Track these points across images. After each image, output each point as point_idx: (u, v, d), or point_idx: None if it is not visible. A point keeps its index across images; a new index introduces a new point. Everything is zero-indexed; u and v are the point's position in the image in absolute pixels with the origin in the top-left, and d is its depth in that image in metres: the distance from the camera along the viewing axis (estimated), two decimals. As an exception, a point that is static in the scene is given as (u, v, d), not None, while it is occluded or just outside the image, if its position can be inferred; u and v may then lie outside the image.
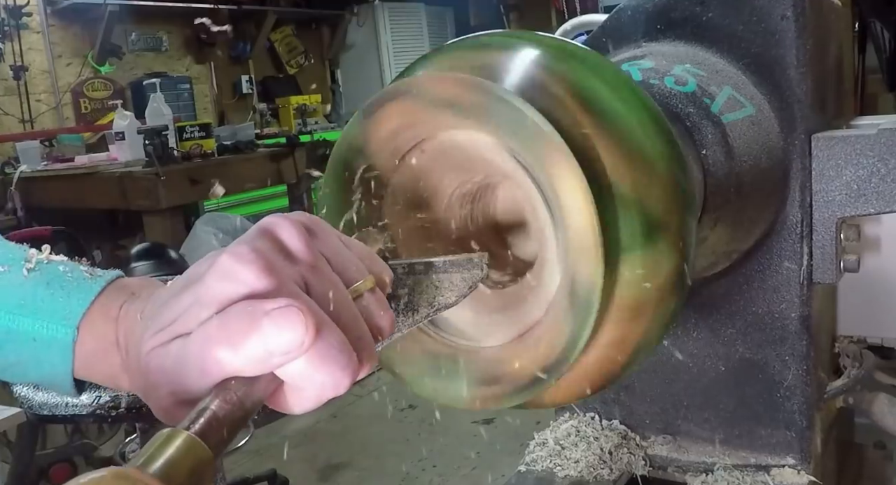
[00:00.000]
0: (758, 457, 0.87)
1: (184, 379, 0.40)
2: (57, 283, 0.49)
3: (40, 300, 0.48)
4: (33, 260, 0.50)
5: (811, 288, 0.82)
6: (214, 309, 0.39)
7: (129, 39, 5.48)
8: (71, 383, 0.49)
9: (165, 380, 0.41)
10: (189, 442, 0.34)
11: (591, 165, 0.49)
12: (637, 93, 0.54)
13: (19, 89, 4.75)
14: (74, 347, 0.48)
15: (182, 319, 0.41)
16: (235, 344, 0.38)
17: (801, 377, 0.83)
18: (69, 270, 0.50)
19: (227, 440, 0.37)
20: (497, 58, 0.55)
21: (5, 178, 4.03)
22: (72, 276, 0.50)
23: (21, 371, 0.50)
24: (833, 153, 0.78)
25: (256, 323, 0.37)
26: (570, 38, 1.16)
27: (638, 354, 0.55)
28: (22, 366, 0.49)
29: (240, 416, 0.38)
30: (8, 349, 0.49)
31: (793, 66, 0.79)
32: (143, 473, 0.32)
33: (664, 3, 0.84)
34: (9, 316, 0.48)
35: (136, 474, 0.32)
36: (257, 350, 0.38)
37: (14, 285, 0.49)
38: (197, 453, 0.34)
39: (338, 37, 6.99)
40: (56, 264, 0.50)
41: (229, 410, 0.37)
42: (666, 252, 0.52)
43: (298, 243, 0.42)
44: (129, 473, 0.31)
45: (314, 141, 4.68)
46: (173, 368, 0.40)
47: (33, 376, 0.50)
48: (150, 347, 0.42)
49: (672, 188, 0.53)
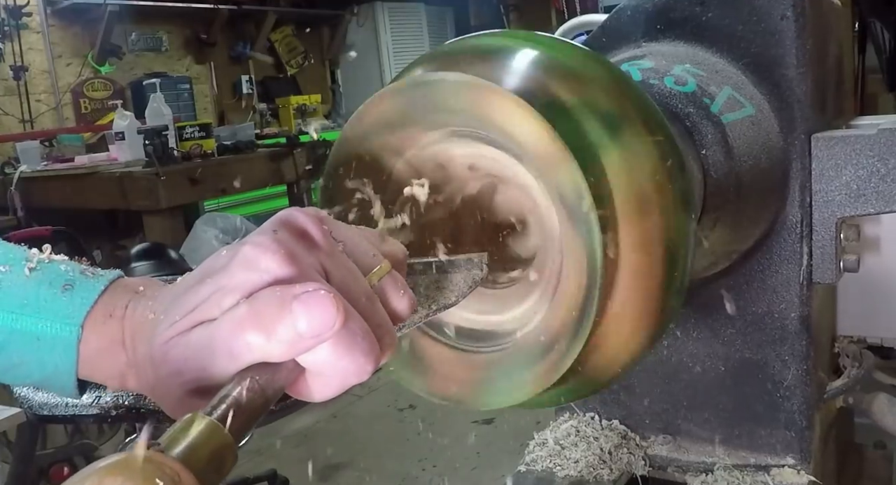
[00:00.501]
0: (757, 457, 0.87)
1: (207, 366, 0.40)
2: (59, 282, 0.49)
3: (43, 300, 0.48)
4: (34, 260, 0.50)
5: (811, 288, 0.82)
6: (239, 296, 0.40)
7: (129, 39, 5.49)
8: (74, 383, 0.49)
9: (184, 369, 0.41)
10: (211, 427, 0.35)
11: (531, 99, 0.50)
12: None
13: (19, 89, 4.76)
14: (78, 346, 0.48)
15: (203, 308, 0.41)
16: (267, 327, 0.38)
17: (800, 377, 0.83)
18: (70, 270, 0.50)
19: (247, 427, 0.37)
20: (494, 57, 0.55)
21: (5, 178, 4.04)
22: (73, 275, 0.50)
23: (24, 372, 0.49)
24: (833, 153, 0.78)
25: (287, 306, 0.38)
26: (570, 38, 1.16)
27: (675, 253, 0.54)
28: (25, 366, 0.49)
29: (261, 403, 0.38)
30: (11, 350, 0.48)
31: (793, 66, 0.79)
32: (164, 455, 0.32)
33: (664, 3, 0.84)
34: (11, 316, 0.48)
35: (158, 456, 0.32)
36: (288, 333, 0.38)
37: (16, 285, 0.48)
38: (218, 438, 0.35)
39: (338, 37, 6.99)
40: (57, 264, 0.50)
41: (251, 397, 0.38)
42: (639, 139, 0.53)
43: (317, 233, 0.43)
44: (151, 455, 0.32)
45: (314, 141, 4.68)
46: (195, 355, 0.40)
47: (36, 376, 0.50)
48: (168, 337, 0.42)
49: (612, 82, 0.55)
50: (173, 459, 0.32)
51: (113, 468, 0.30)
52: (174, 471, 0.31)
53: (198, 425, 0.34)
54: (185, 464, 0.32)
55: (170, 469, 0.31)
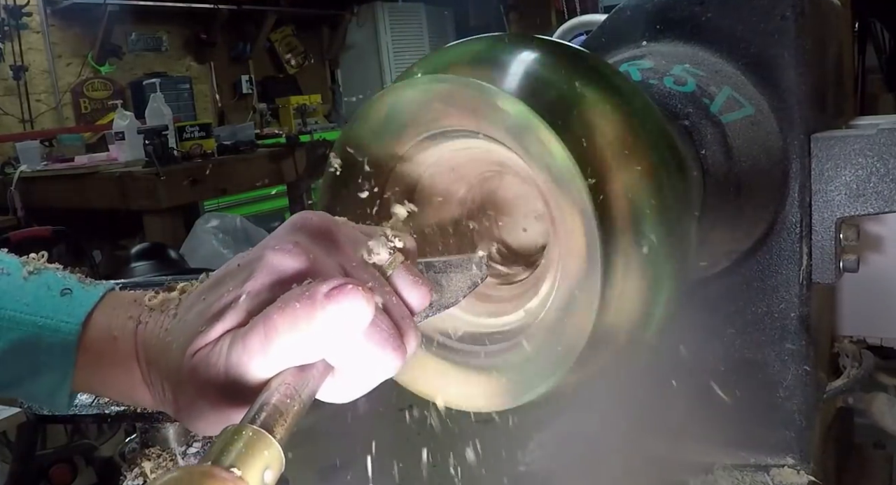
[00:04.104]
0: (757, 457, 0.87)
1: (241, 374, 0.40)
2: (57, 287, 0.49)
3: (42, 301, 0.48)
4: (32, 265, 0.50)
5: (810, 288, 0.82)
6: (267, 299, 0.41)
7: (129, 39, 5.49)
8: (67, 391, 0.48)
9: (215, 379, 0.41)
10: (257, 435, 0.35)
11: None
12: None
13: (19, 89, 4.76)
14: (77, 351, 0.47)
15: (230, 315, 0.41)
16: (301, 326, 0.39)
17: (800, 377, 0.83)
18: (66, 277, 0.50)
19: (289, 433, 0.37)
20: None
21: (5, 178, 4.04)
22: (71, 282, 0.49)
23: (16, 375, 0.48)
24: (832, 153, 0.78)
25: (318, 303, 0.38)
26: (570, 37, 1.16)
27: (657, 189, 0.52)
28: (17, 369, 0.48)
29: (298, 408, 0.39)
30: (7, 356, 0.48)
31: (792, 66, 0.79)
32: (220, 468, 0.32)
33: (664, 3, 0.84)
34: (11, 316, 0.47)
35: (212, 470, 0.32)
36: (323, 328, 0.39)
37: (15, 288, 0.48)
38: (266, 446, 0.35)
39: (338, 37, 6.99)
40: (53, 271, 0.50)
41: (289, 403, 0.38)
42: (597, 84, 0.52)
43: (332, 234, 0.44)
44: (205, 469, 0.32)
45: (314, 141, 4.68)
46: (226, 363, 0.40)
47: (27, 385, 0.49)
48: (195, 349, 0.42)
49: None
50: (226, 470, 0.32)
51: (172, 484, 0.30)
52: (230, 482, 0.31)
53: (245, 435, 0.34)
54: (240, 473, 0.32)
55: (227, 481, 0.31)
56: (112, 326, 0.47)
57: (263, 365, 0.39)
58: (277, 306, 0.40)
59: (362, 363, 0.41)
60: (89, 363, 0.47)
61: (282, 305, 0.39)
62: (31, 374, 0.48)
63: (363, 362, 0.41)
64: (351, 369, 0.42)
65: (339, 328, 0.39)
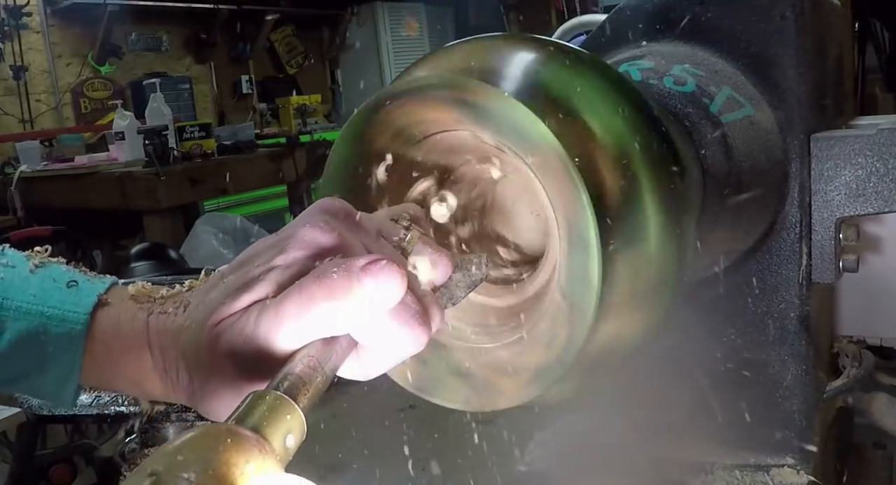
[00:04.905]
0: (757, 457, 0.87)
1: (268, 344, 0.40)
2: (63, 279, 0.49)
3: (50, 293, 0.48)
4: (37, 259, 0.50)
5: (810, 288, 0.82)
6: (298, 272, 0.41)
7: (129, 39, 5.49)
8: (75, 384, 0.48)
9: (240, 351, 0.41)
10: (280, 400, 0.35)
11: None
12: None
13: (19, 89, 4.76)
14: (85, 341, 0.47)
15: (259, 287, 0.42)
16: (337, 296, 0.39)
17: (800, 377, 0.83)
18: (71, 271, 0.50)
19: (311, 405, 0.37)
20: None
21: (5, 178, 4.04)
22: (76, 275, 0.50)
23: (23, 368, 0.49)
24: (832, 153, 0.78)
25: (355, 276, 0.39)
26: (570, 37, 1.16)
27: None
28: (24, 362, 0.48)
29: (321, 380, 0.39)
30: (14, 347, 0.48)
31: (792, 66, 0.79)
32: (241, 427, 0.32)
33: (664, 3, 0.84)
34: (18, 307, 0.48)
35: (236, 428, 0.32)
36: (359, 301, 0.39)
37: (22, 280, 0.49)
38: (289, 411, 0.35)
39: (338, 37, 6.99)
40: (58, 265, 0.51)
41: (312, 374, 0.38)
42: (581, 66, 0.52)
43: (354, 215, 0.46)
44: (228, 427, 0.32)
45: (314, 141, 4.68)
46: (253, 334, 0.40)
47: (34, 378, 0.49)
48: (219, 319, 0.42)
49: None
50: (247, 429, 0.32)
51: (194, 442, 0.30)
52: (253, 442, 0.31)
53: (269, 400, 0.35)
54: (262, 435, 0.32)
55: (250, 440, 0.31)
56: (121, 316, 0.48)
57: (294, 334, 0.40)
58: (314, 276, 0.40)
59: (387, 340, 0.41)
60: (98, 353, 0.48)
61: (318, 274, 0.40)
62: (39, 366, 0.48)
63: (388, 339, 0.41)
64: (376, 345, 0.42)
65: (374, 302, 0.39)
